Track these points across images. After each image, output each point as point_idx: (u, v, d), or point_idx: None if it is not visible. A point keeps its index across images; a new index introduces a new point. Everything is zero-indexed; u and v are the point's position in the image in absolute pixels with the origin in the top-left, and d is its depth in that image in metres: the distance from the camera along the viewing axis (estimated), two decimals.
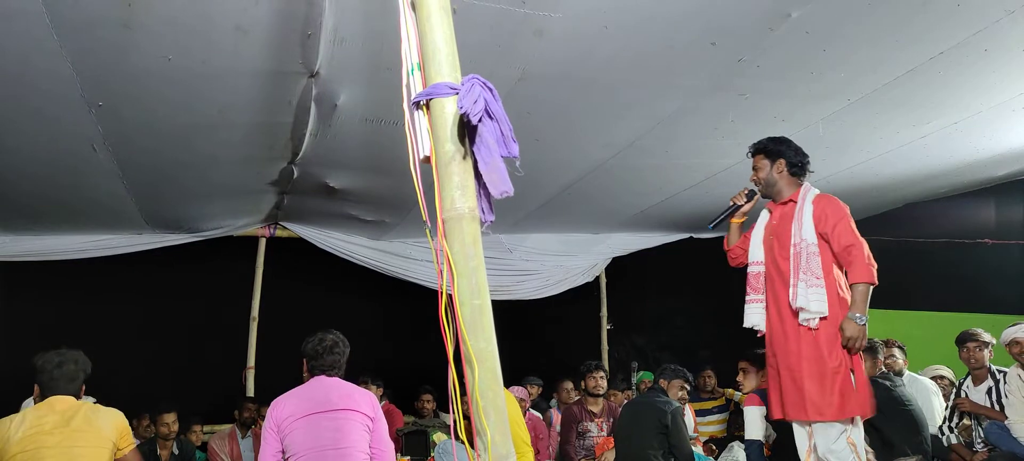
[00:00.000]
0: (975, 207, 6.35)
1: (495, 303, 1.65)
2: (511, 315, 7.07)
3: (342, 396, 3.22)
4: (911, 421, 4.28)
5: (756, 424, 4.17)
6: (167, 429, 4.99)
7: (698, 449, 5.08)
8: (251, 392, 6.28)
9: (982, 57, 3.55)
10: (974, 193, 6.28)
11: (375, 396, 3.37)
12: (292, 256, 6.76)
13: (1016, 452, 4.25)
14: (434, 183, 1.68)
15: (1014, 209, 6.04)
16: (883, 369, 4.62)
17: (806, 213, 3.24)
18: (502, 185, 1.63)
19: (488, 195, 1.68)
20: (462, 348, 1.60)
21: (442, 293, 1.63)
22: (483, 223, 1.69)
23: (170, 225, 5.90)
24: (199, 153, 4.27)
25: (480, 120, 1.61)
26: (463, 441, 1.68)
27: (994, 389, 4.57)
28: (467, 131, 1.66)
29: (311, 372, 3.31)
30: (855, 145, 4.87)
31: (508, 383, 2.16)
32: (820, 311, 3.13)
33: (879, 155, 5.07)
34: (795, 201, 3.32)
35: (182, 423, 5.20)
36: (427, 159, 1.71)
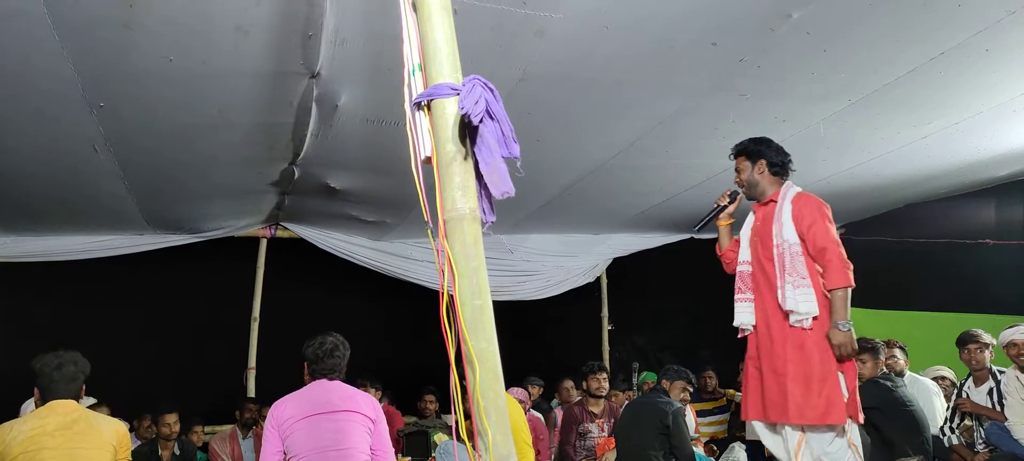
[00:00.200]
0: (976, 208, 6.34)
1: (496, 303, 1.65)
2: (512, 315, 7.06)
3: (343, 398, 3.23)
4: (912, 422, 4.28)
5: None
6: (168, 429, 5.00)
7: (699, 450, 5.08)
8: (252, 393, 6.28)
9: (983, 57, 3.55)
10: (975, 194, 6.27)
11: (376, 399, 3.38)
12: (293, 256, 6.76)
13: (1017, 453, 4.25)
14: (435, 184, 1.68)
15: (1015, 209, 6.03)
16: (884, 369, 4.62)
17: (785, 213, 3.22)
18: (503, 185, 1.63)
19: (489, 195, 1.68)
20: (463, 348, 1.60)
21: (443, 293, 1.63)
22: (484, 224, 1.69)
23: (171, 226, 5.91)
24: (200, 154, 4.27)
25: (481, 121, 1.61)
26: (465, 441, 1.68)
27: (995, 390, 4.57)
28: (468, 132, 1.67)
29: (312, 375, 3.31)
30: (856, 145, 4.86)
31: (509, 383, 2.15)
32: (810, 311, 3.09)
33: (880, 155, 5.07)
34: (776, 201, 3.31)
35: (183, 424, 5.20)
36: (428, 160, 1.71)
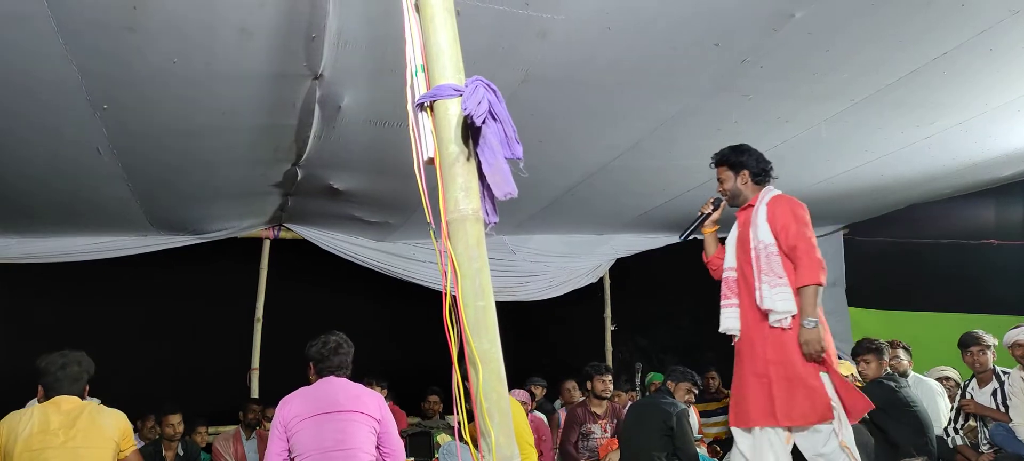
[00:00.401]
0: (979, 208, 6.33)
1: (499, 304, 1.65)
2: (515, 316, 7.05)
3: (349, 398, 3.23)
4: (916, 422, 4.27)
5: None
6: (172, 430, 5.00)
7: (702, 450, 5.07)
8: (255, 393, 6.29)
9: (986, 57, 3.55)
10: (978, 194, 6.25)
11: (382, 397, 3.38)
12: (296, 257, 6.77)
13: (1022, 454, 4.24)
14: (438, 185, 1.68)
15: (1018, 210, 6.02)
16: (888, 370, 4.62)
17: (761, 215, 3.24)
18: (506, 186, 1.63)
19: (492, 196, 1.69)
20: (466, 349, 1.61)
21: (446, 294, 1.64)
22: (487, 224, 1.69)
23: (175, 227, 5.92)
24: (203, 155, 4.28)
25: (484, 122, 1.62)
26: (468, 442, 1.68)
27: (999, 391, 4.55)
28: (471, 133, 1.67)
29: (319, 373, 3.31)
30: (858, 146, 4.85)
31: (512, 384, 2.15)
32: (788, 309, 3.09)
33: (882, 156, 5.06)
34: (753, 205, 3.33)
35: (187, 424, 5.20)
36: (431, 161, 1.72)
